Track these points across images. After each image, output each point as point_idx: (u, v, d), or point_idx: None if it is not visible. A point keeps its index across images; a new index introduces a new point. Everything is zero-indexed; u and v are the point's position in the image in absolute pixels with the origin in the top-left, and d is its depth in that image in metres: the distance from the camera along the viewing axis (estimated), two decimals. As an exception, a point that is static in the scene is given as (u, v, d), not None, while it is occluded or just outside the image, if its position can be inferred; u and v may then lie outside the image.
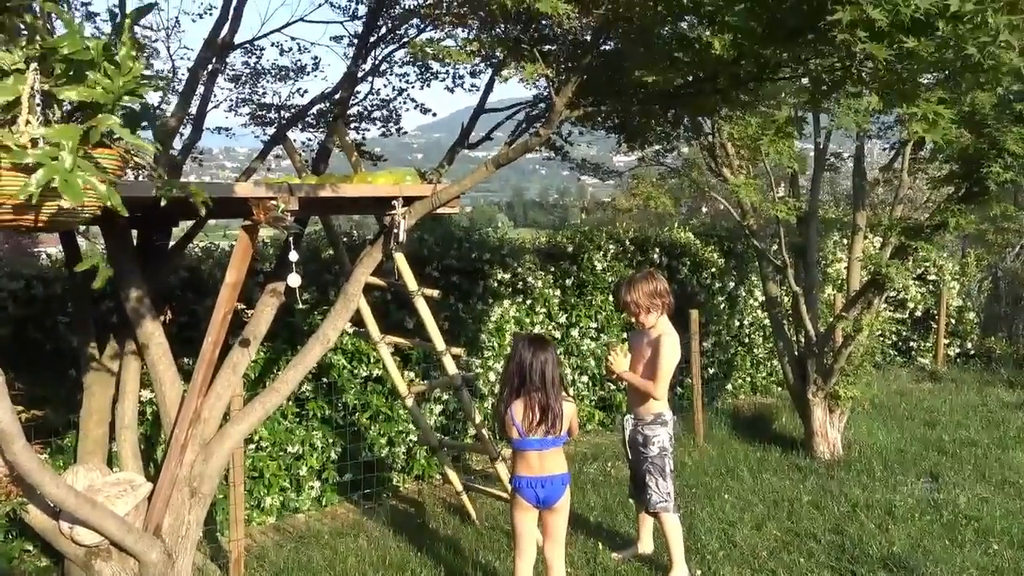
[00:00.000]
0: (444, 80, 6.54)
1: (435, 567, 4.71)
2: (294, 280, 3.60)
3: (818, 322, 7.00)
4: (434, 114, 7.10)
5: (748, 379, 9.36)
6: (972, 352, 11.10)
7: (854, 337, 6.49)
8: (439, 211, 4.35)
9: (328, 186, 3.89)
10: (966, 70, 3.11)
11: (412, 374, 6.32)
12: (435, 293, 5.04)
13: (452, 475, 5.47)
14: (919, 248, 6.27)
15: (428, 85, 6.75)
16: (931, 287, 10.99)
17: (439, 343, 4.97)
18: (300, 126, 6.47)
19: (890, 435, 7.29)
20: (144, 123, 2.47)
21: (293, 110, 6.54)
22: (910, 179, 7.34)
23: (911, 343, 10.99)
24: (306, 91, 7.82)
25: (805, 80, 4.49)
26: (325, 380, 6.03)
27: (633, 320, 4.60)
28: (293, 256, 3.62)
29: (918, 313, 10.93)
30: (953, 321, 11.15)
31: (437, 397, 6.63)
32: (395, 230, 4.13)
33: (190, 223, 4.82)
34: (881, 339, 10.34)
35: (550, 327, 7.55)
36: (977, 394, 8.95)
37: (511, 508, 3.99)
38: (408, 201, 4.20)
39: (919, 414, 8.07)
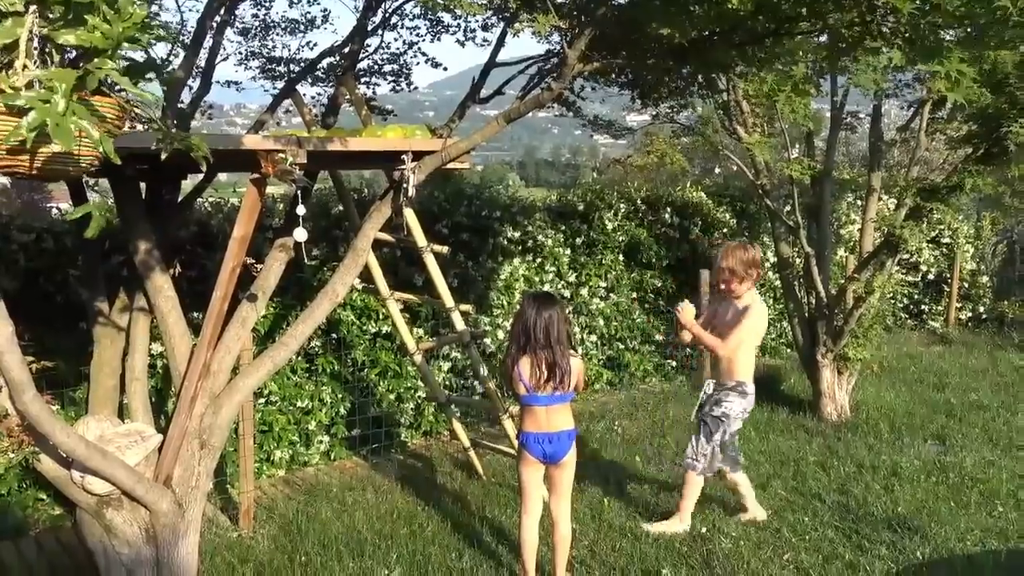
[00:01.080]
0: (455, 33, 6.44)
1: (442, 520, 4.77)
2: (301, 234, 3.58)
3: (829, 284, 6.96)
4: (445, 68, 7.00)
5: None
6: (984, 316, 11.04)
7: (865, 299, 6.45)
8: (449, 167, 4.29)
9: (337, 139, 3.85)
10: (996, 23, 3.01)
11: (421, 331, 6.34)
12: (444, 249, 5.02)
13: (460, 431, 5.51)
14: (934, 209, 6.19)
15: (439, 39, 6.66)
16: (944, 250, 10.89)
17: (448, 300, 4.97)
18: (310, 80, 6.41)
19: (898, 398, 7.28)
20: (150, 75, 2.43)
21: (302, 64, 6.47)
22: (927, 139, 7.22)
23: (922, 306, 10.93)
24: (315, 44, 7.68)
25: (824, 37, 4.41)
26: (334, 336, 6.06)
27: (723, 287, 4.53)
28: (301, 210, 3.58)
29: (931, 276, 10.85)
30: (966, 285, 11.06)
31: (445, 354, 6.65)
32: (404, 185, 4.09)
33: (199, 177, 4.79)
34: (892, 302, 10.30)
35: (559, 286, 7.53)
36: (988, 358, 8.91)
37: (518, 463, 4.02)
38: (418, 156, 4.15)
39: (928, 377, 8.05)
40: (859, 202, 9.21)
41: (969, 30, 4.45)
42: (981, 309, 11.10)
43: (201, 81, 5.61)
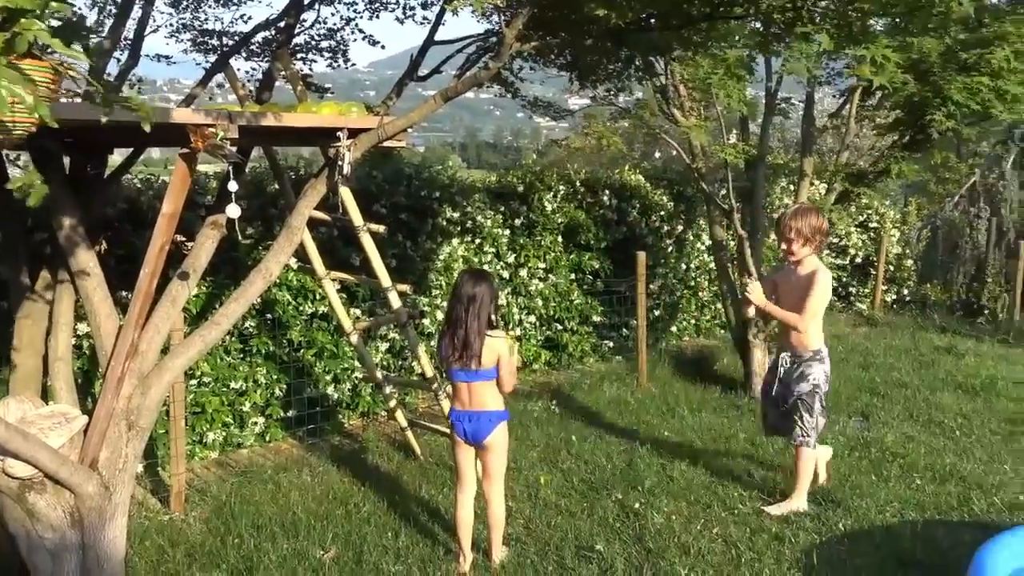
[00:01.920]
0: (394, 11, 6.37)
1: (378, 500, 4.76)
2: (234, 211, 3.51)
3: (762, 266, 7.12)
4: (383, 47, 6.92)
5: (693, 321, 9.52)
6: (908, 298, 11.45)
7: (796, 281, 6.61)
8: (387, 145, 4.26)
9: (270, 114, 3.78)
10: (917, 9, 3.12)
11: (358, 311, 6.29)
12: (381, 229, 4.98)
13: (397, 411, 5.49)
14: (862, 194, 6.39)
15: (377, 16, 6.58)
16: (872, 234, 11.24)
17: (385, 280, 4.93)
18: (243, 54, 6.27)
19: (826, 377, 7.50)
20: (80, 38, 2.34)
21: (236, 37, 6.32)
22: (857, 126, 7.43)
23: (850, 289, 11.28)
24: (250, 18, 7.53)
25: (758, 24, 4.49)
26: (269, 316, 5.97)
27: (784, 247, 4.47)
28: (233, 186, 3.52)
29: (858, 260, 11.19)
30: (891, 268, 11.45)
31: (383, 334, 6.62)
32: (340, 163, 4.04)
33: (127, 152, 4.66)
34: (822, 284, 10.57)
35: (499, 267, 7.55)
36: (910, 338, 9.25)
37: (451, 441, 4.04)
38: (354, 133, 4.10)
39: (854, 357, 8.32)
40: (791, 186, 9.42)
41: (897, 20, 4.59)
42: (905, 292, 11.51)
43: (129, 53, 5.45)
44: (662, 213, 8.95)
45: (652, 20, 4.26)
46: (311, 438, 6.00)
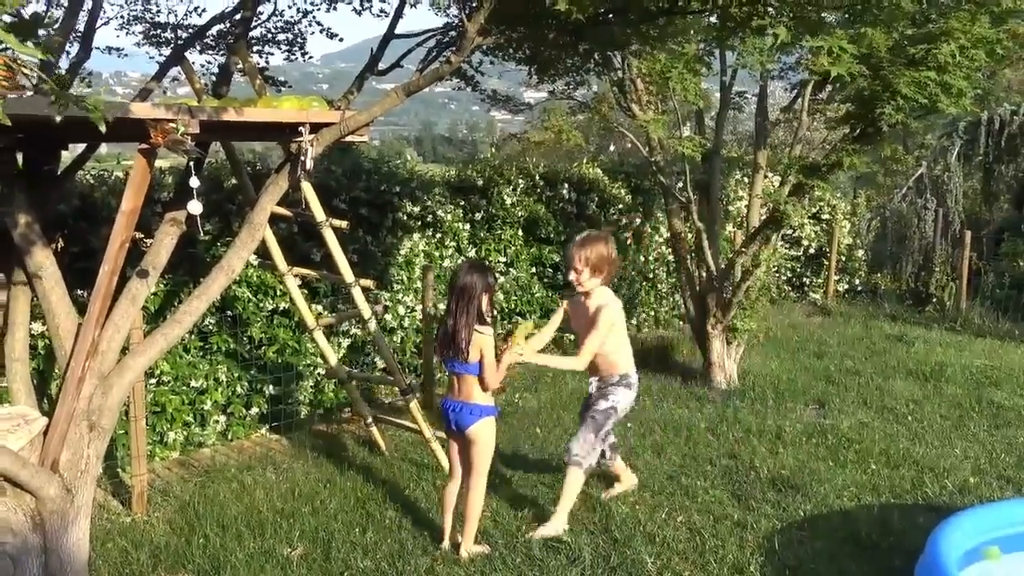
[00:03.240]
0: (351, 2, 6.31)
1: (344, 497, 4.74)
2: (195, 207, 3.47)
3: (719, 258, 7.24)
4: (340, 39, 6.86)
5: (652, 313, 9.63)
6: (860, 288, 11.73)
7: (752, 272, 6.75)
8: (347, 139, 4.24)
9: (231, 109, 3.73)
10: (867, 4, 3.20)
11: (320, 307, 6.25)
12: (343, 224, 4.96)
13: (361, 407, 5.48)
14: (815, 186, 6.51)
15: (334, 7, 6.51)
16: (824, 226, 11.48)
17: (347, 275, 4.91)
18: (198, 47, 6.15)
19: (782, 365, 7.68)
20: (33, 34, 2.30)
21: (191, 30, 6.21)
22: (809, 120, 7.57)
23: (804, 279, 11.51)
24: (204, 10, 7.37)
25: (714, 18, 4.56)
26: (230, 313, 5.90)
27: (573, 279, 4.33)
28: (194, 182, 3.47)
29: (812, 251, 11.43)
30: (843, 258, 11.72)
31: (345, 330, 6.58)
32: (302, 158, 4.01)
33: (80, 147, 4.56)
34: (777, 275, 10.81)
35: (459, 261, 7.54)
36: (863, 327, 9.48)
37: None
38: (315, 128, 4.08)
39: (809, 346, 8.51)
40: (747, 179, 9.58)
41: (847, 15, 4.70)
42: (857, 281, 11.80)
43: (80, 46, 5.31)
44: (620, 206, 9.04)
45: (611, 15, 4.30)
46: (274, 435, 5.95)
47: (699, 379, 7.13)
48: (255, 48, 6.41)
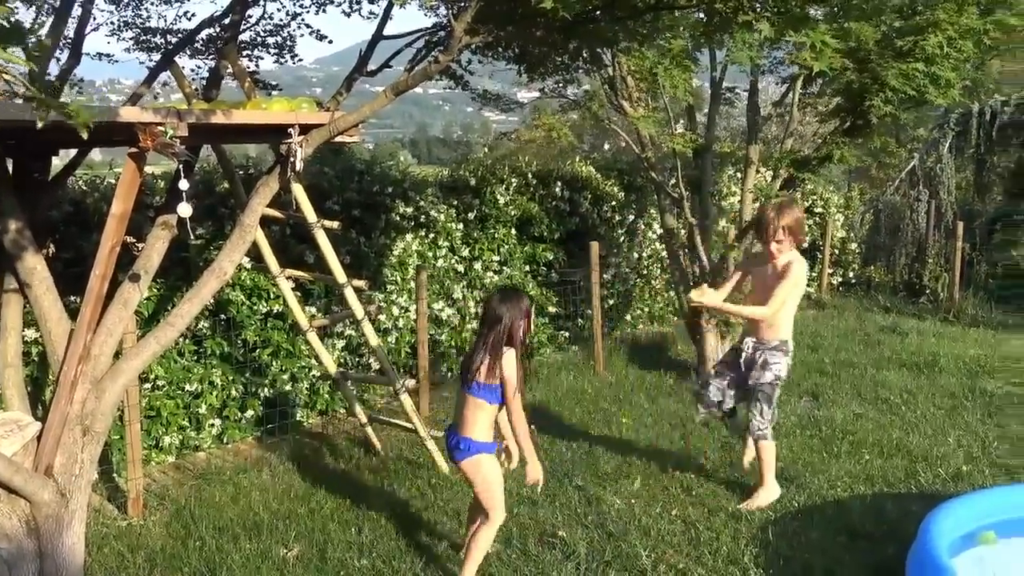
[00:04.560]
0: (340, 4, 6.32)
1: (340, 497, 4.75)
2: (185, 210, 3.48)
3: (712, 252, 7.25)
4: (330, 41, 6.88)
5: (646, 309, 9.65)
6: (853, 281, 11.76)
7: (745, 266, 6.75)
8: (338, 140, 4.25)
9: (220, 112, 3.74)
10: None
11: (313, 309, 6.26)
12: (335, 225, 4.96)
13: (356, 408, 5.49)
14: (806, 179, 6.54)
15: (324, 10, 6.52)
16: (817, 219, 11.51)
17: (340, 276, 4.92)
18: (188, 52, 6.16)
19: (777, 359, 7.68)
20: (15, 41, 2.31)
21: (180, 35, 6.21)
22: (800, 114, 7.60)
23: (799, 273, 11.52)
24: (193, 15, 7.36)
25: (701, 15, 4.58)
26: (223, 317, 5.90)
27: (773, 245, 4.40)
28: (184, 185, 3.48)
29: (805, 244, 11.43)
30: (837, 251, 11.75)
31: (339, 332, 6.59)
32: (292, 159, 4.02)
33: (71, 153, 4.57)
34: (771, 269, 10.82)
35: (453, 261, 7.56)
36: (856, 319, 9.51)
37: None
38: (305, 129, 4.09)
39: (803, 339, 8.52)
40: (739, 174, 9.60)
41: (835, 8, 4.72)
42: (851, 274, 11.83)
43: (70, 52, 5.33)
44: (613, 203, 9.06)
45: (598, 12, 4.31)
46: (270, 438, 5.96)
47: (694, 374, 7.15)
48: (244, 52, 6.41)
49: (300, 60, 6.90)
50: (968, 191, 13.08)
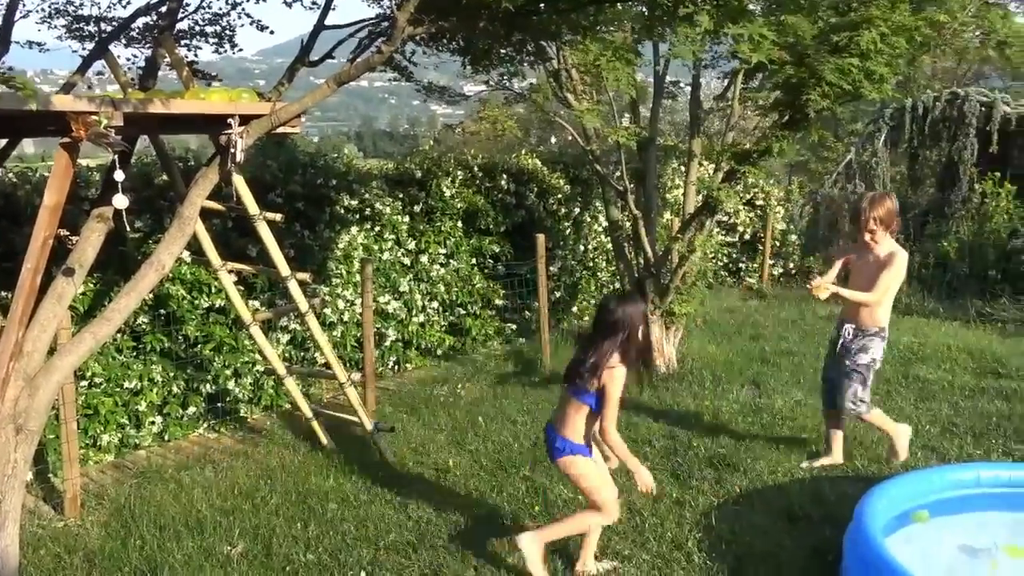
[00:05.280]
0: (282, -6, 6.23)
1: (286, 492, 4.71)
2: (120, 201, 3.40)
3: (656, 244, 7.34)
4: (272, 32, 6.77)
5: (592, 301, 9.72)
6: (794, 272, 12.03)
7: (688, 257, 6.87)
8: (280, 131, 4.21)
9: (157, 101, 3.67)
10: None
11: (257, 303, 6.18)
12: (278, 217, 4.90)
13: (301, 402, 5.43)
14: (747, 173, 6.66)
15: None
16: (759, 212, 11.74)
17: (283, 269, 4.86)
18: (123, 40, 6.01)
19: (719, 349, 7.84)
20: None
21: (115, 23, 6.06)
22: (741, 108, 7.73)
23: (740, 264, 11.76)
24: (129, 2, 7.17)
25: (643, 8, 4.63)
26: (163, 312, 5.79)
27: (868, 236, 4.69)
28: (119, 176, 3.40)
29: (747, 237, 11.68)
30: (778, 243, 12.00)
31: (284, 325, 6.51)
32: (232, 150, 3.96)
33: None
34: (713, 261, 11.02)
35: (399, 253, 7.53)
36: (797, 309, 9.73)
37: None
38: (245, 120, 4.03)
39: (746, 329, 8.70)
40: (682, 167, 9.73)
41: (771, 3, 4.81)
42: (791, 265, 12.10)
43: (-2, 40, 5.15)
44: (559, 196, 9.11)
45: (542, 4, 4.34)
46: (213, 434, 5.86)
47: (639, 364, 7.23)
48: (182, 41, 6.28)
49: (241, 51, 6.79)
50: (902, 184, 13.48)
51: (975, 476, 4.12)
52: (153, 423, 5.69)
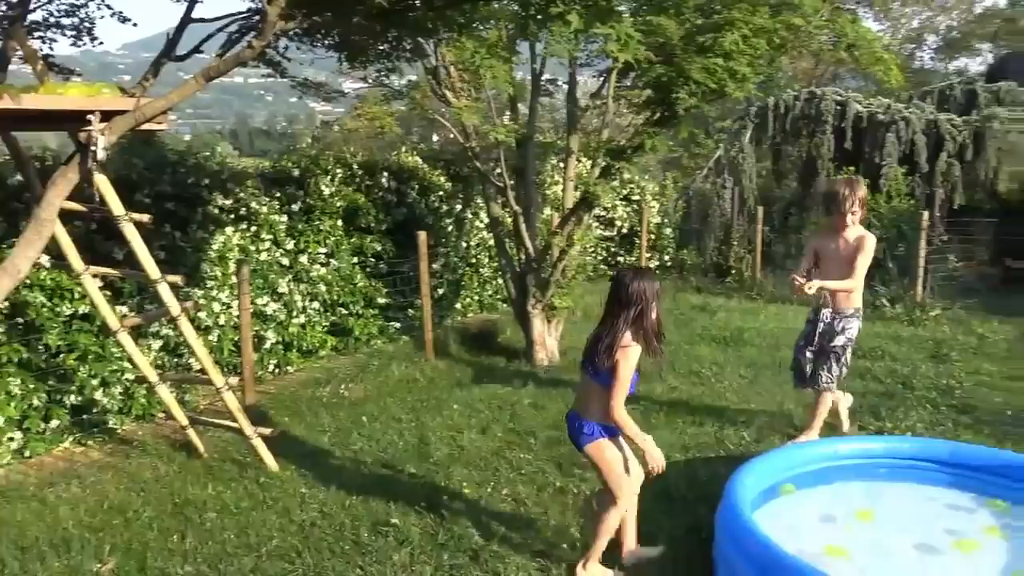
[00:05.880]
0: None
1: (160, 504, 4.53)
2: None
3: (537, 240, 7.48)
4: (135, 24, 6.47)
5: (476, 297, 9.80)
6: (669, 263, 12.49)
7: (567, 252, 7.03)
8: (146, 128, 4.04)
9: (7, 96, 3.45)
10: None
11: (125, 308, 5.90)
12: (145, 217, 4.70)
13: (176, 410, 5.23)
14: (623, 168, 6.87)
15: (125, -9, 6.12)
16: (635, 207, 12.12)
17: (153, 272, 4.66)
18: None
19: (601, 340, 8.04)
20: None
21: (-43, 12, 5.64)
22: (615, 105, 7.96)
23: (619, 258, 12.11)
24: (-26, -8, 6.71)
25: (517, 6, 4.70)
26: (21, 320, 5.44)
27: (849, 218, 4.82)
28: (-35, 176, 3.18)
29: (624, 231, 12.04)
30: (653, 237, 12.43)
31: (155, 331, 6.25)
32: (92, 148, 3.78)
33: None
34: (593, 255, 11.30)
35: (277, 254, 7.36)
36: (671, 300, 10.11)
37: None
38: (107, 116, 3.85)
39: (625, 320, 8.96)
40: (561, 164, 9.93)
41: (637, 3, 4.97)
42: (666, 258, 12.56)
43: None
44: (441, 193, 9.12)
45: (416, 1, 4.34)
46: (80, 448, 5.56)
47: (523, 358, 7.35)
48: (36, 33, 5.93)
49: (102, 44, 6.46)
50: (767, 178, 14.21)
51: (833, 450, 4.42)
52: (12, 439, 5.35)
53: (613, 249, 11.99)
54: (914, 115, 12.16)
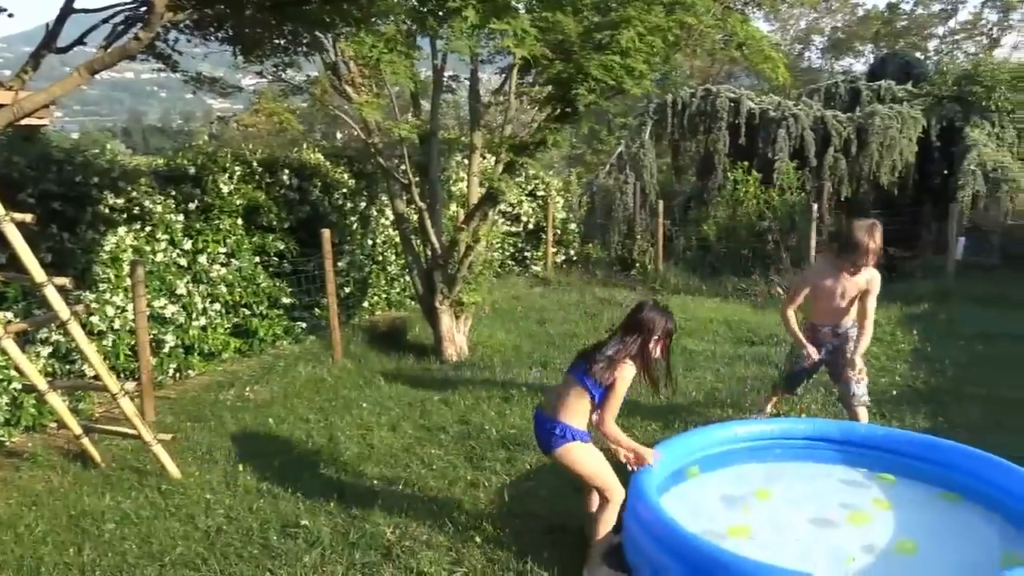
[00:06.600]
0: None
1: (54, 518, 4.33)
2: None
3: (443, 236, 7.47)
4: (11, 15, 6.12)
5: (384, 295, 9.72)
6: (575, 258, 12.69)
7: (474, 247, 7.06)
8: (26, 123, 3.85)
9: None
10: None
11: (10, 314, 5.60)
12: (28, 218, 4.47)
13: (68, 419, 4.99)
14: (525, 164, 6.94)
15: (0, -21, 5.79)
16: (541, 203, 12.25)
17: (38, 275, 4.44)
18: None
19: (508, 335, 8.12)
20: None
21: None
22: (517, 101, 8.03)
23: (526, 253, 12.22)
24: None
25: (415, 1, 4.69)
26: None
27: (868, 264, 4.77)
28: None
29: (531, 226, 12.15)
30: (559, 232, 12.60)
31: (44, 337, 5.96)
32: (-33, 145, 3.57)
33: None
34: (500, 251, 11.37)
35: (174, 254, 7.11)
36: (579, 293, 10.29)
37: None
38: (-18, 112, 3.65)
39: (532, 314, 9.07)
40: (465, 160, 9.94)
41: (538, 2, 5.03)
42: (572, 252, 12.75)
43: None
44: (344, 190, 9.00)
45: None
46: (-38, 464, 5.26)
47: (431, 354, 7.34)
48: (-99, 22, 5.55)
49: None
50: (667, 173, 14.61)
51: (733, 433, 4.59)
52: None
53: (520, 244, 12.09)
54: (803, 112, 12.72)
